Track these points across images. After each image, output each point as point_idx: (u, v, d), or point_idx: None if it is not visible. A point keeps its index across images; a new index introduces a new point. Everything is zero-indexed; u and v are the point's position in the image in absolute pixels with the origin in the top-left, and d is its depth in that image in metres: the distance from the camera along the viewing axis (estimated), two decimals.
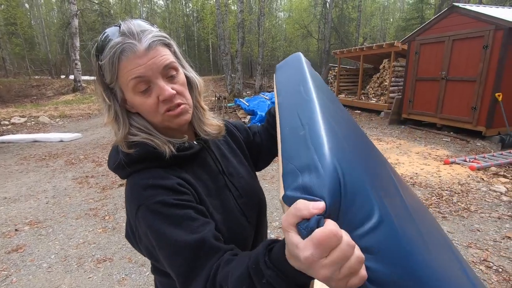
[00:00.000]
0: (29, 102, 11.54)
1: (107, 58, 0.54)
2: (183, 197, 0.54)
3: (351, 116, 0.72)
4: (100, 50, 0.55)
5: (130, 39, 0.53)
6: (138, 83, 0.55)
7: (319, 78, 0.76)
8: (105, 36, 0.55)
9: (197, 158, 0.65)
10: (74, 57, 13.02)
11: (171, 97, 0.56)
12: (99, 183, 3.98)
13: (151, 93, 0.56)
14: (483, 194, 3.38)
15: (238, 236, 0.63)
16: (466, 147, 5.33)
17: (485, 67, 5.45)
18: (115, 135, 0.60)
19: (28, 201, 3.47)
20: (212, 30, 24.07)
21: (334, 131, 0.45)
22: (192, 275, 0.48)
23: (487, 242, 2.49)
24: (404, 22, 24.63)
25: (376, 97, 9.35)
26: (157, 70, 0.55)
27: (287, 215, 0.32)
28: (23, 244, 2.58)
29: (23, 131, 7.48)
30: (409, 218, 0.48)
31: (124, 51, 0.53)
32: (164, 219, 0.51)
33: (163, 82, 0.56)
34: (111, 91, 0.59)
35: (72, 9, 12.66)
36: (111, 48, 0.53)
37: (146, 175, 0.56)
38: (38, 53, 21.21)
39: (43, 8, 28.31)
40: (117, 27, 0.55)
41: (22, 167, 4.69)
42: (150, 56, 0.54)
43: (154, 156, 0.57)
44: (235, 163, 0.75)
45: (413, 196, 0.69)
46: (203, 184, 0.63)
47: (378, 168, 0.54)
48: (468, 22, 5.70)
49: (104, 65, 0.55)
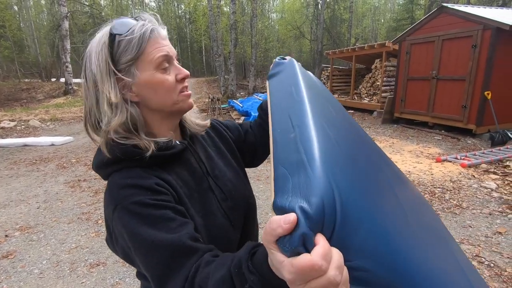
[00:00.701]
0: (19, 106, 11.34)
1: (138, 33, 0.56)
2: (161, 197, 0.53)
3: (348, 115, 0.71)
4: (121, 29, 0.56)
5: (155, 24, 0.59)
6: (164, 60, 0.59)
7: (314, 79, 0.76)
8: (122, 21, 0.57)
9: (179, 158, 0.64)
10: (65, 59, 12.84)
11: (187, 76, 0.63)
12: (91, 186, 3.93)
13: (170, 72, 0.61)
14: (474, 190, 3.43)
15: (220, 240, 0.62)
16: (457, 145, 5.42)
17: (474, 66, 5.56)
18: (106, 124, 0.56)
19: (19, 206, 3.40)
20: (205, 31, 24.04)
21: (326, 133, 0.44)
22: (168, 275, 0.47)
23: (479, 238, 2.52)
24: (395, 23, 24.96)
25: (369, 97, 9.44)
26: (174, 54, 0.62)
27: (264, 233, 0.31)
28: (13, 250, 2.52)
29: (13, 135, 7.35)
30: (403, 219, 0.47)
31: (153, 31, 0.58)
32: (140, 219, 0.50)
33: (178, 63, 0.63)
34: (120, 74, 0.57)
35: (62, 11, 12.49)
36: (142, 26, 0.57)
37: (124, 175, 0.55)
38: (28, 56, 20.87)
39: (32, 11, 27.87)
40: (133, 17, 0.59)
41: (12, 172, 4.60)
42: (167, 42, 0.61)
43: (133, 155, 0.56)
44: (221, 164, 0.73)
45: (412, 191, 0.68)
46: (185, 185, 0.62)
47: (371, 167, 0.53)
48: (457, 22, 5.81)
49: (131, 41, 0.55)
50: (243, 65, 25.60)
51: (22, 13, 25.84)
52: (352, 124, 0.67)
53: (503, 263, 2.19)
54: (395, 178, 0.62)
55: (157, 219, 0.50)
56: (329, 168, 0.36)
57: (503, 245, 2.41)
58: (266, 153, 0.88)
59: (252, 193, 0.79)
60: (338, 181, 0.35)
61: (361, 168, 0.47)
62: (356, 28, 27.23)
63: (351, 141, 0.54)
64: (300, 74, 0.65)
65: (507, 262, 2.20)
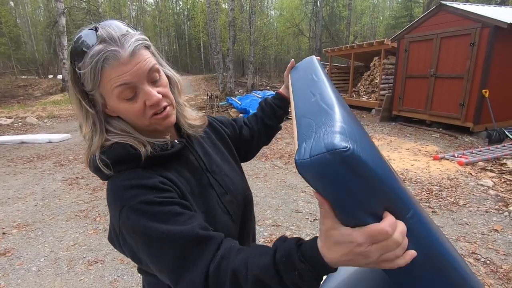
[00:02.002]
0: (16, 103, 11.26)
1: (88, 67, 0.51)
2: (166, 194, 0.53)
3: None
4: (77, 58, 0.52)
5: (112, 45, 0.51)
6: (124, 90, 0.53)
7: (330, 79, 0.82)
8: (81, 42, 0.52)
9: (179, 157, 0.64)
10: (62, 56, 12.74)
11: (158, 102, 0.56)
12: (89, 184, 3.92)
13: (137, 98, 0.55)
14: (471, 188, 3.45)
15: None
16: (455, 143, 5.44)
17: (472, 64, 5.57)
18: (88, 146, 0.58)
19: (16, 203, 3.39)
20: (203, 28, 23.93)
21: (341, 102, 0.50)
22: (185, 267, 0.47)
23: (475, 235, 2.54)
24: (393, 20, 24.91)
25: (367, 95, 9.44)
26: (142, 75, 0.54)
27: (323, 217, 0.39)
28: (11, 248, 2.52)
29: (9, 132, 7.30)
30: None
31: (107, 59, 0.50)
32: (149, 217, 0.50)
33: (149, 87, 0.55)
34: (89, 98, 0.56)
35: (59, 7, 12.38)
36: (92, 57, 0.50)
37: (126, 176, 0.55)
38: (24, 53, 20.69)
39: (28, 7, 27.60)
40: (93, 30, 0.52)
41: (9, 169, 4.58)
42: (135, 62, 0.53)
43: (133, 157, 0.56)
44: (218, 160, 0.74)
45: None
46: (186, 182, 0.62)
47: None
48: (455, 20, 5.81)
49: (85, 74, 0.52)
50: (242, 63, 25.53)
51: (18, 9, 25.60)
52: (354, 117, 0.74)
53: (499, 260, 2.21)
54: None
55: (166, 215, 0.50)
56: (345, 120, 0.41)
57: (499, 242, 2.43)
58: (259, 147, 0.92)
59: (249, 187, 0.81)
60: (352, 132, 0.39)
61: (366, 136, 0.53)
62: (355, 25, 27.19)
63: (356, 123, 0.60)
64: (319, 66, 0.74)
65: (503, 259, 2.22)
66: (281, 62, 29.02)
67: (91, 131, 0.57)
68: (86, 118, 0.57)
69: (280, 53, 28.08)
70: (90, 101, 0.56)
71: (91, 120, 0.57)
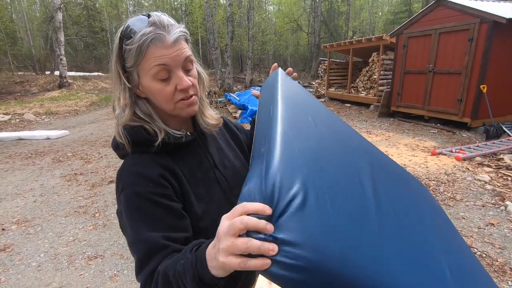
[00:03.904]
0: (13, 99, 11.17)
1: (136, 44, 0.57)
2: (160, 190, 0.60)
3: (331, 118, 0.77)
4: (127, 36, 0.59)
5: (160, 30, 0.58)
6: (161, 70, 0.59)
7: (297, 89, 0.81)
8: (133, 23, 0.59)
9: (188, 148, 0.70)
10: (59, 52, 12.62)
11: (188, 87, 0.62)
12: (88, 180, 3.92)
13: (170, 81, 0.61)
14: (468, 183, 3.48)
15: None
16: (453, 138, 5.47)
17: (471, 59, 5.57)
18: (118, 118, 0.64)
19: (15, 200, 3.39)
20: (201, 24, 23.75)
21: (290, 144, 0.52)
22: (143, 265, 0.56)
23: (471, 229, 2.57)
24: (392, 16, 24.84)
25: (366, 91, 9.44)
26: (179, 61, 0.60)
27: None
28: (10, 244, 2.52)
29: (7, 129, 7.27)
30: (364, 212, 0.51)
31: (154, 39, 0.57)
32: (136, 210, 0.58)
33: (182, 73, 0.62)
34: (126, 74, 0.63)
35: (56, 3, 12.23)
36: (142, 36, 0.57)
37: (136, 161, 0.63)
38: (21, 48, 20.46)
39: (24, 2, 27.26)
40: (145, 16, 0.59)
41: (7, 166, 4.57)
42: (175, 48, 0.59)
43: (146, 142, 0.63)
44: (231, 156, 0.80)
45: (402, 184, 0.71)
46: (190, 174, 0.67)
47: (338, 168, 0.58)
48: (454, 15, 5.80)
49: (131, 50, 0.58)
50: (240, 58, 25.41)
51: (14, 4, 25.29)
52: (332, 126, 0.74)
53: (495, 254, 2.23)
54: (374, 169, 0.65)
55: (147, 215, 0.58)
56: (282, 169, 0.45)
57: (495, 236, 2.46)
58: None
59: None
60: (284, 179, 0.44)
61: (323, 168, 0.54)
62: (354, 21, 27.05)
63: (315, 145, 0.60)
64: (280, 89, 0.72)
65: (498, 252, 2.25)
66: (280, 58, 28.91)
67: (125, 104, 0.63)
68: (123, 91, 0.63)
69: (279, 48, 27.98)
70: (127, 78, 0.63)
71: (127, 93, 0.63)
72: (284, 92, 0.71)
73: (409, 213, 0.62)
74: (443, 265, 0.53)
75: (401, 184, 0.71)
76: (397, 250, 0.48)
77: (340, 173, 0.56)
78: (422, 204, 0.70)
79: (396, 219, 0.55)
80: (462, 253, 0.63)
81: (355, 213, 0.48)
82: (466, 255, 0.64)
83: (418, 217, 0.63)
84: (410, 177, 0.79)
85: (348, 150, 0.68)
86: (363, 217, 0.49)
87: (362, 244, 0.43)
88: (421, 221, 0.62)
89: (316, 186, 0.47)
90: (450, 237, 0.66)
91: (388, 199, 0.58)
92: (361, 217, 0.48)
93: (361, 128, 6.51)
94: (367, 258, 0.42)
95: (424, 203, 0.71)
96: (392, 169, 0.75)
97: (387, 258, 0.45)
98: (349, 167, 0.60)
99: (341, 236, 0.42)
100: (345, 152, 0.66)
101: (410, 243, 0.52)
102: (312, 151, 0.55)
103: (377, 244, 0.46)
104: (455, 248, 0.63)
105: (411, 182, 0.76)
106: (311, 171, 0.49)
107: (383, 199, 0.57)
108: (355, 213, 0.48)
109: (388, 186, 0.64)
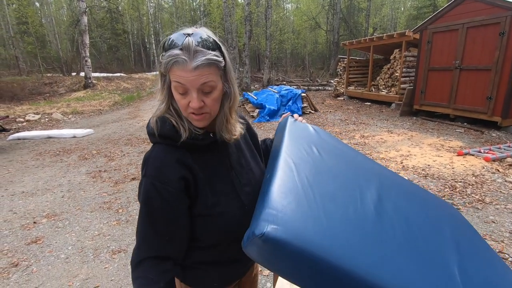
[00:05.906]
0: (42, 100, 11.77)
1: (164, 60, 0.67)
2: (173, 191, 0.70)
3: (338, 147, 0.94)
4: (164, 48, 0.68)
5: (185, 55, 0.65)
6: (178, 86, 0.69)
7: (305, 132, 0.96)
8: (171, 41, 0.67)
9: (208, 148, 0.78)
10: (84, 54, 13.16)
11: (196, 108, 0.70)
12: (111, 177, 4.07)
13: (186, 96, 0.70)
14: (499, 185, 3.30)
15: (232, 219, 0.76)
16: (481, 138, 5.20)
17: (502, 55, 5.27)
18: (157, 109, 0.77)
19: (45, 195, 3.58)
20: (219, 24, 23.94)
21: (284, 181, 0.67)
22: (140, 252, 0.72)
23: (502, 233, 2.44)
24: (415, 11, 23.90)
25: (387, 89, 9.17)
26: (195, 85, 0.67)
27: None
28: (41, 236, 2.67)
29: (37, 127, 7.67)
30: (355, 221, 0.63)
31: (177, 62, 0.66)
32: (148, 207, 0.71)
33: (195, 95, 0.68)
34: (164, 76, 0.74)
35: (81, 7, 12.77)
36: (169, 56, 0.66)
37: (161, 153, 0.73)
38: (49, 51, 21.50)
39: (52, 6, 28.63)
40: (185, 36, 0.67)
41: (38, 162, 4.83)
42: (195, 74, 0.66)
43: (171, 137, 0.73)
44: (248, 156, 0.88)
45: (414, 200, 0.82)
46: (205, 171, 0.76)
47: (338, 184, 0.73)
48: (483, 9, 5.50)
49: (162, 63, 0.68)
50: (258, 57, 25.38)
51: (43, 9, 26.61)
52: (338, 153, 0.89)
53: None
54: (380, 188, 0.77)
55: (157, 218, 0.71)
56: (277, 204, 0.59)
57: None
58: None
59: None
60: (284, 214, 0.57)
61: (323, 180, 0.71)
62: (374, 17, 26.29)
63: (323, 166, 0.78)
64: (287, 138, 0.87)
65: None
66: (298, 57, 28.62)
67: (162, 99, 0.75)
68: (162, 87, 0.75)
69: (297, 47, 27.67)
70: (164, 78, 0.74)
71: (166, 91, 0.74)
72: (291, 132, 0.90)
73: (422, 226, 0.71)
74: (454, 276, 0.59)
75: (412, 200, 0.81)
76: (408, 255, 0.57)
77: (339, 188, 0.69)
78: (440, 219, 0.78)
79: (401, 229, 0.63)
80: (485, 268, 0.68)
81: (346, 216, 0.60)
82: (491, 269, 0.69)
83: (431, 230, 0.71)
84: (429, 195, 0.90)
85: (351, 170, 0.82)
86: (357, 222, 0.61)
87: (343, 237, 0.53)
88: (437, 234, 0.71)
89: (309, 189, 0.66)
90: (472, 251, 0.74)
91: (395, 212, 0.68)
92: (354, 222, 0.60)
93: (382, 127, 6.33)
94: (352, 251, 0.53)
95: (443, 218, 0.80)
96: (406, 188, 0.85)
97: (391, 259, 0.55)
98: (349, 184, 0.73)
99: (321, 227, 0.54)
100: (348, 172, 0.79)
101: (419, 251, 0.60)
102: (314, 174, 0.70)
103: (367, 244, 0.55)
104: (477, 262, 0.69)
105: (429, 200, 0.86)
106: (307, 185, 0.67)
107: (388, 211, 0.66)
108: (347, 217, 0.60)
109: (397, 201, 0.74)
